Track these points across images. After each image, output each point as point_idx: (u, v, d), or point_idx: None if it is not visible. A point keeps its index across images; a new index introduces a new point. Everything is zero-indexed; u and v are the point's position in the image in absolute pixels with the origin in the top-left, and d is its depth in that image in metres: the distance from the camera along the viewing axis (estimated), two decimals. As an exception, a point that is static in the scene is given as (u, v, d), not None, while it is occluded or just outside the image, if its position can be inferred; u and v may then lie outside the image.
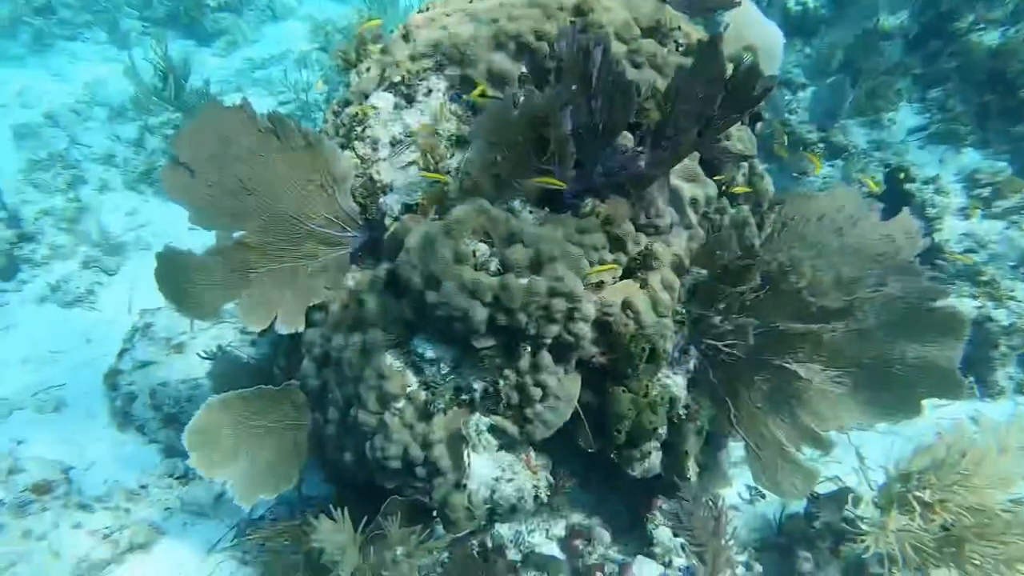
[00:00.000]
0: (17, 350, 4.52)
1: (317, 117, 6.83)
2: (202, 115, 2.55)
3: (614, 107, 2.30)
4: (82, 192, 5.91)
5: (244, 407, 2.83)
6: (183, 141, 2.58)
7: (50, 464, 3.53)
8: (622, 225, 2.43)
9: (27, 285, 5.03)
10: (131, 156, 6.14)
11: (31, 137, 6.49)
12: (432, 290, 2.29)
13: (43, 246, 5.20)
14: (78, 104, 6.93)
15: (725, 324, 2.57)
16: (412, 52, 2.67)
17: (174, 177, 2.59)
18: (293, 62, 7.93)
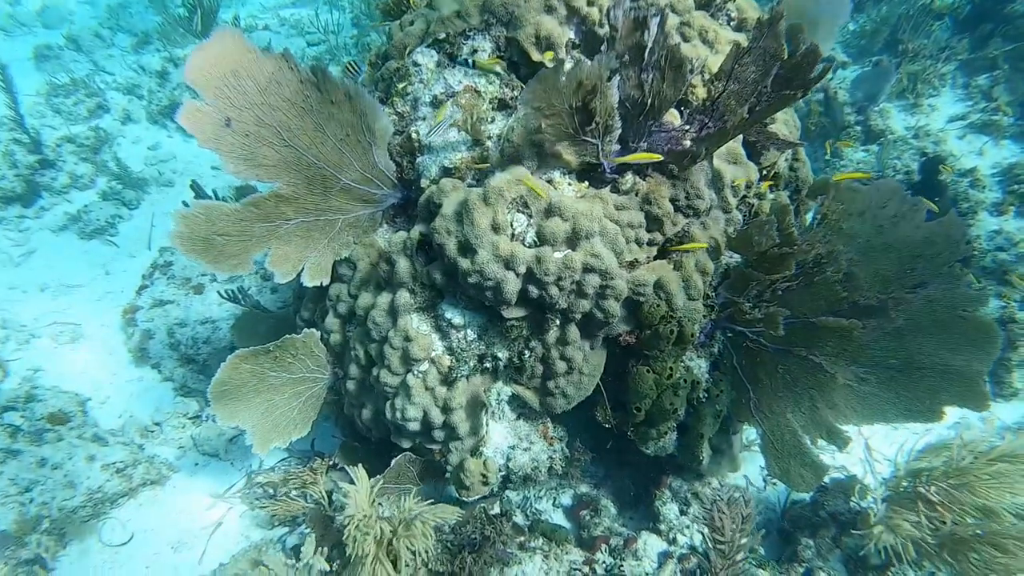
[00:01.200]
0: (36, 277, 4.53)
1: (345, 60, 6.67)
2: (240, 58, 2.44)
3: (665, 83, 2.23)
4: (104, 122, 5.81)
5: (267, 358, 2.84)
6: (213, 83, 2.45)
7: (67, 395, 3.58)
8: (661, 204, 2.38)
9: (47, 213, 5.00)
10: (155, 88, 6.00)
11: (52, 59, 6.35)
12: (465, 257, 2.26)
13: (63, 174, 5.15)
14: (102, 29, 6.75)
15: (755, 312, 2.55)
16: (459, 8, 2.57)
17: (203, 122, 2.48)
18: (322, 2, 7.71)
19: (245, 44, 2.44)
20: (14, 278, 4.49)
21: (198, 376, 3.90)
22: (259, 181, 2.61)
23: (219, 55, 2.41)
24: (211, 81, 2.42)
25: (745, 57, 2.31)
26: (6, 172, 4.87)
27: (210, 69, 2.41)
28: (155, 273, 4.29)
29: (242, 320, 3.63)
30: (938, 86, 5.39)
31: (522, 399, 2.64)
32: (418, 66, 2.63)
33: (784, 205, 2.45)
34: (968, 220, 4.31)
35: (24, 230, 4.83)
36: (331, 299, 2.79)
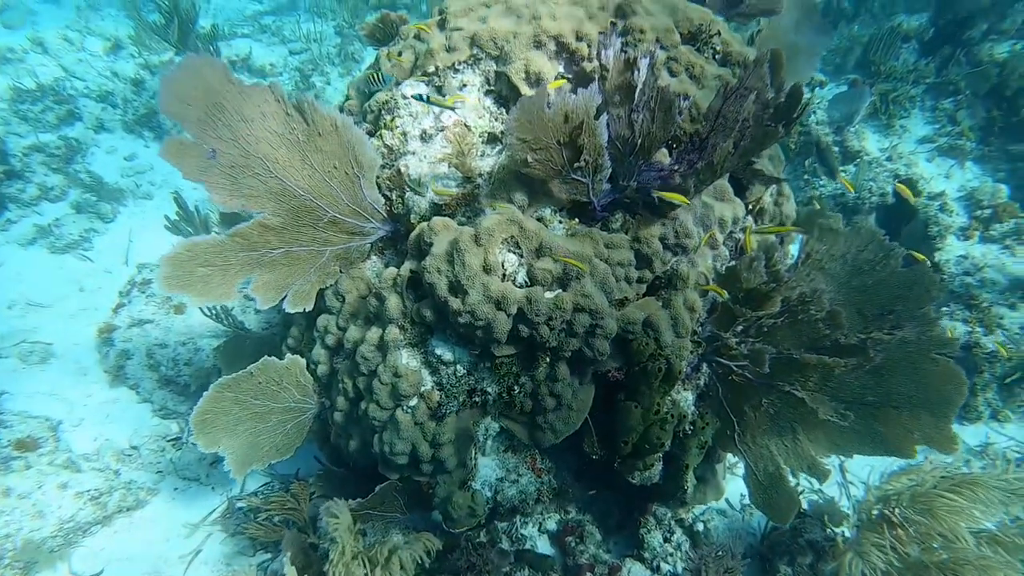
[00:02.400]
0: (2, 293, 4.40)
1: (330, 71, 6.60)
2: (225, 91, 2.41)
3: (655, 123, 2.26)
4: (75, 130, 5.66)
5: (250, 384, 2.81)
6: (197, 115, 2.42)
7: (37, 420, 3.49)
8: (651, 243, 2.41)
9: (14, 225, 4.84)
10: (131, 96, 5.85)
11: (15, 62, 6.15)
12: (456, 297, 2.26)
13: (32, 185, 5.00)
14: (70, 32, 6.56)
15: (741, 347, 2.59)
16: (448, 43, 2.57)
17: (186, 155, 2.45)
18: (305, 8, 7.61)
19: (229, 76, 2.41)
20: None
21: (178, 398, 3.84)
22: (245, 211, 2.58)
23: (202, 87, 2.38)
24: (194, 113, 2.40)
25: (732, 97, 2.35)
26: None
27: (192, 101, 2.38)
28: (133, 291, 4.20)
29: (227, 345, 3.58)
30: (909, 108, 5.54)
31: (511, 432, 2.65)
32: (407, 99, 2.62)
33: (772, 243, 2.50)
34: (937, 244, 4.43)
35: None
36: (319, 330, 2.77)
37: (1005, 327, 4.01)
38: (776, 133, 2.27)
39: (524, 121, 2.22)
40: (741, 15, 3.05)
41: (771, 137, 2.29)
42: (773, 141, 2.33)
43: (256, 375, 2.81)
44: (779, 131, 2.27)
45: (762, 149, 2.36)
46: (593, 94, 2.19)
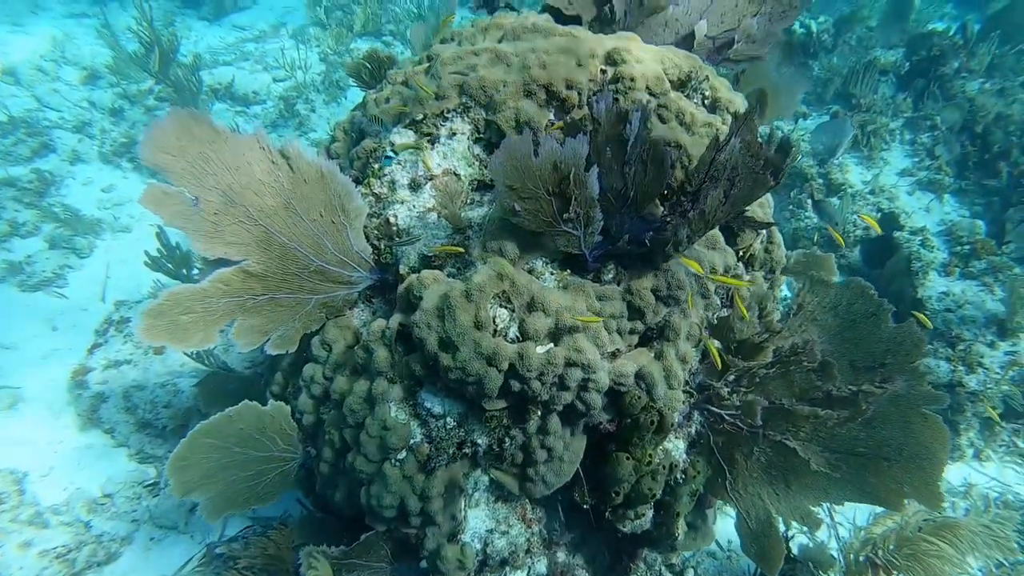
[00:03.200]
0: (-31, 335, 4.26)
1: (315, 98, 6.55)
2: (210, 140, 2.36)
3: (648, 176, 2.25)
4: (49, 163, 5.53)
5: (231, 430, 2.73)
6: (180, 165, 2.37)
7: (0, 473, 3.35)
8: (644, 296, 2.39)
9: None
10: (108, 126, 5.75)
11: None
12: (447, 353, 2.22)
13: (2, 222, 4.86)
14: (44, 61, 6.44)
15: (733, 397, 2.57)
16: (437, 90, 2.54)
17: (168, 203, 2.39)
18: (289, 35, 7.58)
19: (215, 127, 2.37)
20: (-56, 338, 4.21)
21: (156, 440, 3.73)
22: (228, 258, 2.52)
23: (185, 136, 2.34)
24: (177, 163, 2.35)
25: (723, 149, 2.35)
26: (-61, 221, 4.58)
27: (177, 153, 2.33)
28: (110, 330, 4.09)
29: (208, 380, 3.49)
30: (889, 140, 5.63)
31: (501, 484, 2.60)
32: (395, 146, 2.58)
33: (764, 293, 2.49)
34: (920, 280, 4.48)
35: (-44, 283, 4.54)
36: (305, 380, 2.70)
37: (986, 365, 4.05)
38: (767, 182, 2.27)
39: (511, 167, 2.20)
40: (728, 60, 3.07)
41: (762, 187, 2.29)
42: (764, 191, 2.33)
43: (237, 420, 2.73)
44: (769, 181, 2.27)
45: (753, 199, 2.35)
46: (582, 144, 2.17)
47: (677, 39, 3.09)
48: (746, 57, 3.07)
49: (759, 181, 2.27)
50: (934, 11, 8.14)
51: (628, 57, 2.64)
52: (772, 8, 3.06)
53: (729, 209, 2.30)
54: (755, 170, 2.28)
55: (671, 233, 2.27)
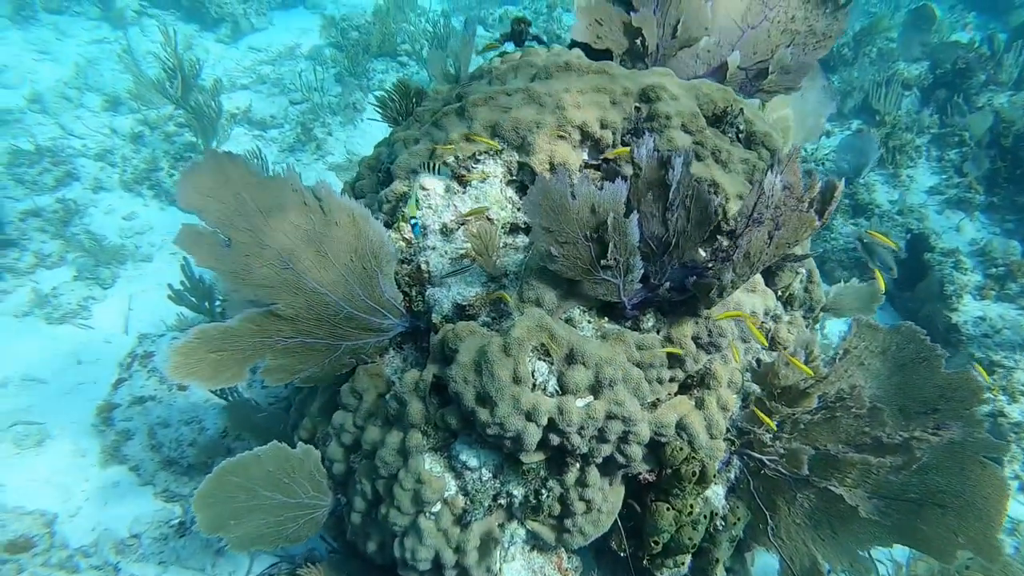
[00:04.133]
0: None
1: (331, 121, 6.54)
2: (244, 183, 2.33)
3: (690, 223, 2.18)
4: (73, 191, 5.55)
5: (259, 471, 2.67)
6: (215, 207, 2.35)
7: (31, 516, 3.32)
8: (684, 344, 2.32)
9: (8, 296, 4.70)
10: (129, 154, 5.76)
11: (12, 123, 6.05)
12: (485, 408, 2.15)
13: (28, 253, 4.87)
14: (68, 89, 6.48)
15: (776, 444, 2.49)
16: (468, 132, 2.49)
17: (202, 244, 2.38)
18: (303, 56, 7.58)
19: (249, 169, 2.35)
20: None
21: (182, 478, 3.69)
22: (258, 300, 2.48)
23: (220, 179, 2.33)
24: (212, 205, 2.33)
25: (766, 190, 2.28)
26: (-36, 258, 4.59)
27: (210, 193, 2.32)
28: (134, 364, 4.06)
29: (236, 407, 3.45)
30: (915, 157, 5.52)
31: (538, 534, 2.53)
32: (426, 190, 2.53)
33: (810, 338, 2.41)
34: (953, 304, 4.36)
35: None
36: (335, 428, 2.65)
37: (1026, 390, 3.94)
38: (812, 223, 2.20)
39: (547, 208, 2.15)
40: (762, 91, 3.00)
41: (807, 227, 2.22)
42: (810, 232, 2.26)
43: (265, 461, 2.67)
44: (815, 221, 2.20)
45: (798, 240, 2.28)
46: (621, 189, 2.12)
47: (708, 70, 3.02)
48: (780, 88, 3.00)
49: (804, 222, 2.20)
50: (956, 20, 8.02)
51: (663, 94, 2.58)
52: (806, 39, 2.99)
53: (773, 251, 2.23)
54: (800, 210, 2.21)
55: (715, 278, 2.20)
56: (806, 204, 2.22)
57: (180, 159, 5.74)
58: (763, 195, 2.16)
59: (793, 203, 2.25)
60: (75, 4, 7.56)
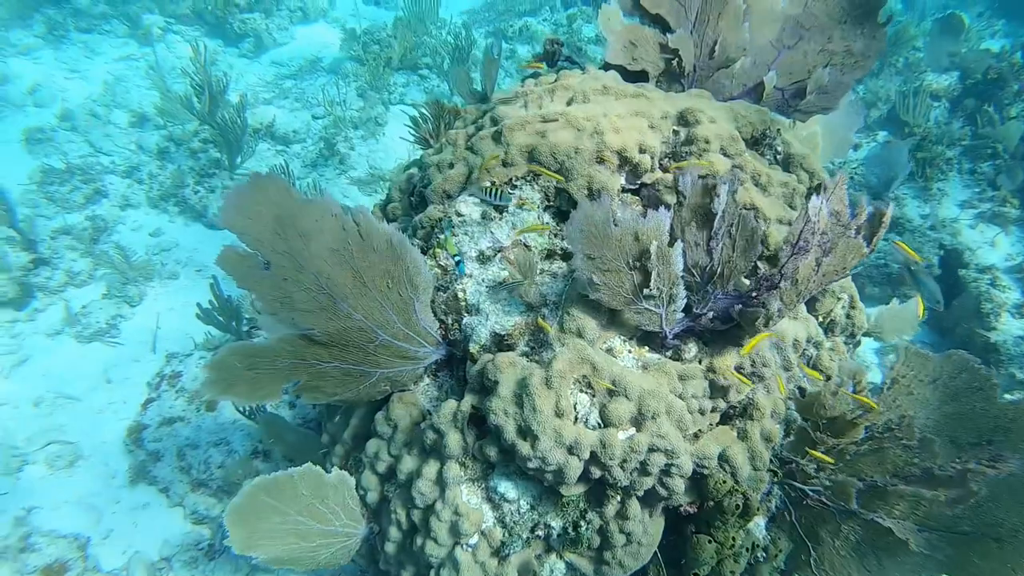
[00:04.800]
0: (29, 389, 4.28)
1: (353, 136, 6.56)
2: (285, 206, 2.32)
3: (736, 251, 2.14)
4: (101, 207, 5.60)
5: (292, 493, 2.65)
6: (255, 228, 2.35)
7: (65, 540, 3.33)
8: (727, 375, 2.27)
9: (41, 315, 4.75)
10: (155, 170, 5.81)
11: (44, 142, 6.13)
12: (525, 441, 2.12)
13: (60, 272, 4.91)
14: (97, 106, 6.55)
15: (821, 475, 2.42)
16: (505, 156, 2.47)
17: (242, 266, 2.37)
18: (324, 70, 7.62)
19: (290, 192, 2.34)
20: (5, 391, 4.23)
21: (211, 500, 3.68)
22: (294, 325, 2.46)
23: (262, 201, 2.32)
24: (252, 226, 2.33)
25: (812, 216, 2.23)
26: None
27: (252, 215, 2.31)
28: (162, 384, 4.08)
29: (272, 419, 3.43)
30: (946, 170, 5.42)
31: (576, 567, 2.48)
32: (461, 216, 2.51)
33: (858, 368, 2.35)
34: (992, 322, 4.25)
35: (16, 335, 4.57)
36: (368, 456, 2.62)
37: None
38: (860, 249, 2.15)
39: (589, 234, 2.12)
40: (799, 112, 2.95)
41: (856, 254, 2.17)
42: (858, 259, 2.20)
43: (299, 482, 2.65)
44: (863, 248, 2.15)
45: (847, 267, 2.22)
46: (665, 217, 2.08)
47: (743, 91, 2.98)
48: (818, 108, 2.95)
49: (852, 248, 2.15)
50: (984, 28, 7.89)
51: (701, 117, 2.54)
52: (843, 59, 2.94)
53: (821, 279, 2.18)
54: (848, 237, 2.16)
55: (762, 307, 2.15)
56: (854, 230, 2.17)
57: (205, 175, 5.78)
58: (809, 222, 2.11)
59: (840, 229, 2.20)
60: (104, 23, 7.66)
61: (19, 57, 7.07)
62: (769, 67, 2.95)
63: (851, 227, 2.19)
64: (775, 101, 2.99)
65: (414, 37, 7.51)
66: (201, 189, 5.63)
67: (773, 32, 2.97)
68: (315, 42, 8.15)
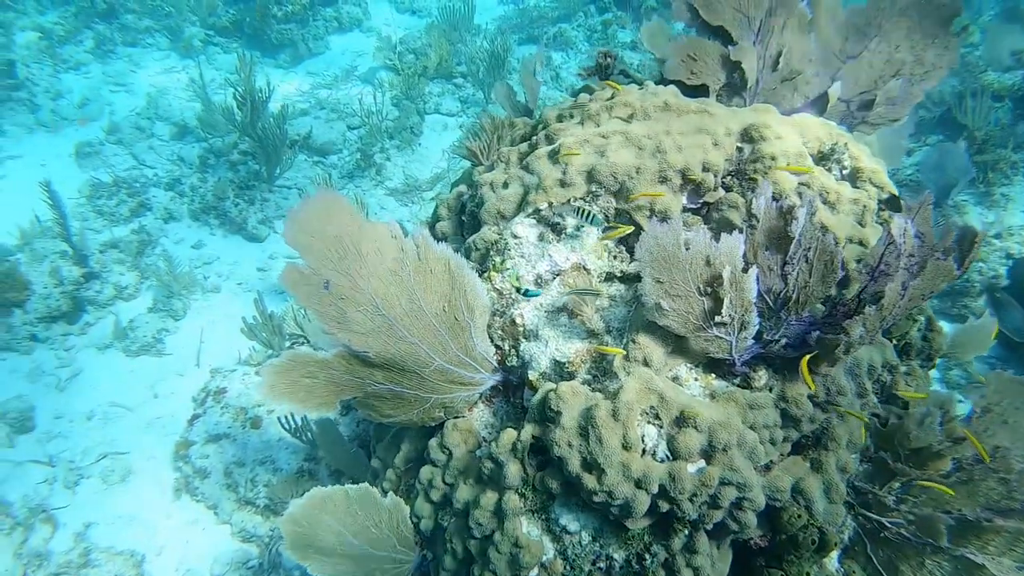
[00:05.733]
0: (82, 403, 4.34)
1: (388, 146, 6.55)
2: (346, 225, 2.31)
3: (813, 277, 2.03)
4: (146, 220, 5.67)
5: (348, 512, 2.62)
6: (316, 247, 2.34)
7: (122, 557, 3.35)
8: (801, 403, 2.16)
9: (92, 328, 4.82)
10: (197, 183, 5.87)
11: (93, 156, 6.24)
12: (591, 475, 2.03)
13: (109, 286, 4.98)
14: (141, 120, 6.65)
15: (902, 508, 2.29)
16: (562, 177, 2.39)
17: (302, 284, 2.35)
18: (359, 79, 7.63)
19: (352, 212, 2.34)
20: (60, 405, 4.30)
21: (257, 518, 3.67)
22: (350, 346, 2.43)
23: (324, 220, 2.32)
24: (314, 244, 2.32)
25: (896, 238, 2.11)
26: (52, 290, 4.70)
27: (314, 232, 2.31)
28: (208, 400, 4.09)
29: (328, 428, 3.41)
30: (1010, 174, 5.18)
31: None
32: (518, 238, 2.44)
33: (946, 398, 2.22)
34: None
35: (69, 349, 4.64)
36: (422, 483, 2.56)
37: None
38: (950, 272, 2.03)
39: (659, 258, 2.04)
40: (866, 124, 2.81)
41: (945, 277, 2.04)
42: (947, 282, 2.08)
43: (354, 500, 2.62)
44: (954, 269, 2.02)
45: (934, 291, 2.10)
46: (739, 242, 1.99)
47: (806, 102, 2.85)
48: (886, 120, 2.82)
49: (941, 271, 2.03)
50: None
51: (767, 133, 2.43)
52: (912, 69, 2.80)
53: (907, 304, 2.06)
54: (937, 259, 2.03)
55: (843, 334, 2.03)
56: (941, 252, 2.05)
57: (245, 188, 5.81)
58: (891, 243, 1.99)
59: (926, 251, 2.08)
60: (148, 36, 7.80)
61: (71, 72, 7.25)
62: (832, 78, 2.82)
63: (938, 248, 2.07)
64: (839, 113, 2.86)
65: (449, 45, 7.47)
66: (241, 202, 5.66)
67: (836, 41, 2.84)
68: (350, 51, 8.18)
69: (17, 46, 7.37)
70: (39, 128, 6.60)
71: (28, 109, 6.69)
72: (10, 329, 4.59)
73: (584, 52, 7.91)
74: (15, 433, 4.08)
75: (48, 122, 6.53)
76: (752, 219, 2.02)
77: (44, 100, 6.73)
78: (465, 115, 7.08)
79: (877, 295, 2.07)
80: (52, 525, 3.55)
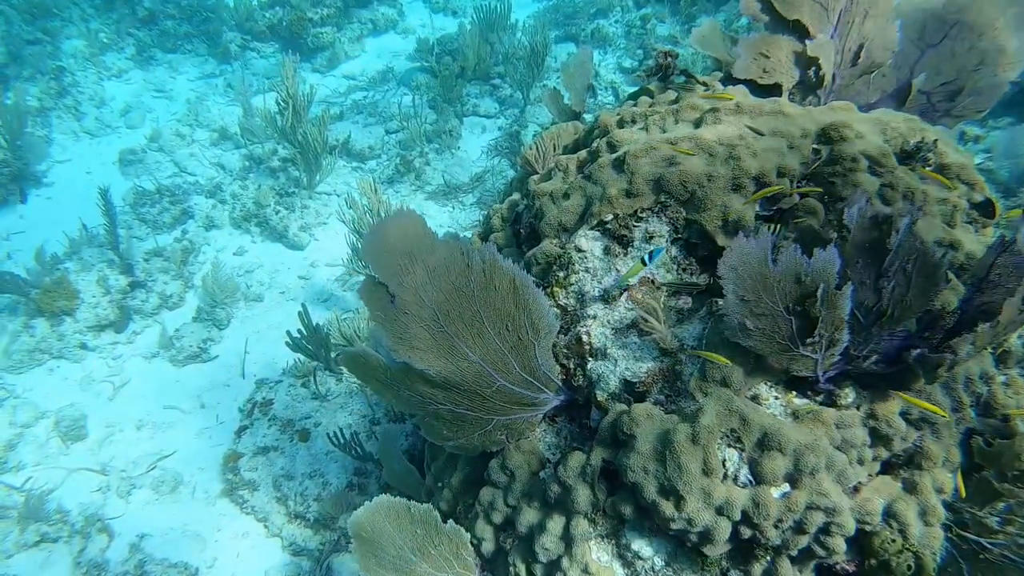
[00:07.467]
0: (132, 412, 4.36)
1: (427, 149, 6.48)
2: (418, 242, 2.28)
3: (911, 291, 1.88)
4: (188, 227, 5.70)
5: (410, 529, 2.56)
6: (388, 262, 2.31)
7: (176, 569, 3.35)
8: (892, 421, 2.01)
9: (139, 337, 4.85)
10: (238, 191, 5.87)
11: (136, 163, 6.30)
12: (669, 501, 1.92)
13: (154, 295, 5.00)
14: (181, 126, 6.70)
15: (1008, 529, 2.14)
16: (628, 186, 2.27)
17: (377, 298, 2.32)
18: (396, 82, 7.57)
19: (424, 228, 2.28)
20: (110, 414, 4.33)
21: (307, 532, 3.63)
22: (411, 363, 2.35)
23: (398, 236, 2.29)
24: (389, 261, 2.29)
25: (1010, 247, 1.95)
26: (100, 299, 4.74)
27: (388, 248, 2.29)
28: (255, 412, 4.07)
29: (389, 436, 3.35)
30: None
31: (713, 628, 2.27)
32: (582, 252, 2.33)
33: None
34: None
35: (117, 358, 4.68)
36: (482, 505, 2.48)
37: None
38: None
39: (745, 275, 1.92)
40: (949, 117, 2.64)
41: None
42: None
43: (416, 517, 2.55)
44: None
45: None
46: (834, 258, 1.85)
47: (883, 96, 2.69)
48: (971, 112, 2.64)
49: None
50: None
51: (847, 133, 2.28)
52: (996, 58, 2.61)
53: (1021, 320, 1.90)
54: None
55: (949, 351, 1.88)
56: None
57: (285, 195, 5.80)
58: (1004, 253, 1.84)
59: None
60: (186, 42, 7.86)
61: (113, 80, 7.35)
62: (911, 69, 2.65)
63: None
64: (919, 105, 2.69)
65: (486, 45, 7.37)
66: (281, 209, 5.65)
67: (914, 29, 2.66)
68: (386, 54, 8.13)
69: (64, 54, 7.48)
70: (84, 135, 6.69)
71: (74, 116, 6.78)
72: (62, 337, 4.64)
73: (623, 48, 7.74)
74: (70, 441, 4.12)
75: (93, 129, 6.61)
76: (843, 230, 1.88)
77: (88, 108, 6.82)
78: (503, 116, 6.98)
79: (982, 307, 1.91)
80: (108, 535, 3.57)
